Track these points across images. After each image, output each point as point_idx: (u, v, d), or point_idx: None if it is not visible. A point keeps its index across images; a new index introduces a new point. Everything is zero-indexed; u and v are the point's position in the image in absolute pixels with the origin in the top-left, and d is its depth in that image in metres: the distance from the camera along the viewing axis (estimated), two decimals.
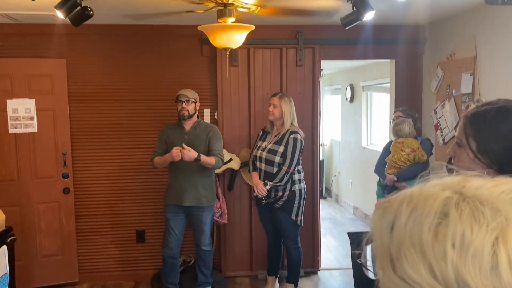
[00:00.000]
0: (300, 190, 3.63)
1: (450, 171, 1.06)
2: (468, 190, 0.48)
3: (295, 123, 3.65)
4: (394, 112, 4.11)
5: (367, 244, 0.57)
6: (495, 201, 0.46)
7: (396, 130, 3.85)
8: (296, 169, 3.58)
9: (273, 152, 3.57)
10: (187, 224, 3.82)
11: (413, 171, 3.69)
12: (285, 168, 3.52)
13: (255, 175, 3.68)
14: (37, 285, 3.99)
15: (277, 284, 3.98)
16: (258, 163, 3.67)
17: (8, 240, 2.90)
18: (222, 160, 3.68)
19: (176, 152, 3.41)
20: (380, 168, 4.01)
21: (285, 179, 3.53)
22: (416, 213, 0.48)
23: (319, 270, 4.44)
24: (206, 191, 3.70)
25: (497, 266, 0.43)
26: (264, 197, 3.58)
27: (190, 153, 3.42)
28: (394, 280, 0.48)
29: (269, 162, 3.58)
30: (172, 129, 3.73)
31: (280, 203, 3.60)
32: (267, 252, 3.97)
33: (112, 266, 4.26)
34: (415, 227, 0.47)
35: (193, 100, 3.66)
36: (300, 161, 3.65)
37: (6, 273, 2.76)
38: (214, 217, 4.05)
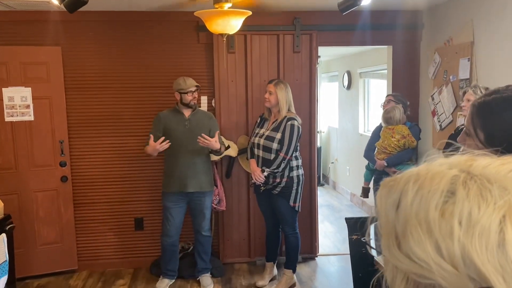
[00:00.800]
0: (298, 176, 3.65)
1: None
2: (476, 169, 0.48)
3: (292, 110, 3.64)
4: (386, 96, 4.12)
5: (371, 223, 0.57)
6: (502, 180, 0.46)
7: (386, 118, 3.87)
8: (293, 155, 3.59)
9: (270, 139, 3.57)
10: (186, 211, 3.85)
11: (403, 156, 3.79)
12: (282, 154, 3.53)
13: (253, 162, 3.70)
14: (36, 273, 4.02)
15: (275, 270, 4.00)
16: (256, 150, 3.68)
17: (7, 228, 2.90)
18: (224, 145, 3.83)
19: (161, 146, 3.47)
20: (369, 152, 4.06)
21: (282, 165, 3.54)
22: (422, 191, 0.48)
23: (316, 256, 4.47)
24: (206, 176, 3.76)
25: (503, 243, 0.43)
26: (262, 183, 3.59)
27: (210, 143, 3.50)
28: (399, 258, 0.48)
29: (267, 149, 3.59)
30: (170, 116, 3.72)
31: (278, 189, 3.61)
32: (265, 239, 3.99)
33: (111, 254, 4.29)
34: (421, 205, 0.47)
35: (199, 87, 3.74)
36: (298, 148, 3.66)
37: (6, 260, 2.77)
38: (212, 204, 4.07)
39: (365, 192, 4.25)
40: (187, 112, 3.71)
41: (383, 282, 0.53)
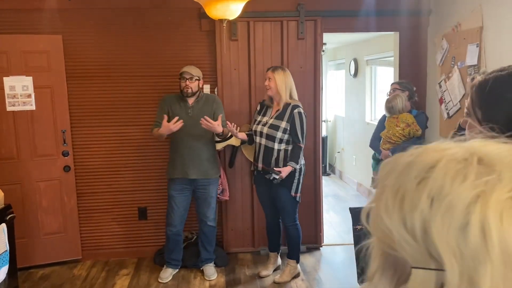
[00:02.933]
0: (300, 165, 3.59)
1: None
2: (478, 149, 0.44)
3: (295, 97, 3.56)
4: (391, 84, 4.03)
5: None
6: (495, 158, 0.42)
7: (388, 107, 3.78)
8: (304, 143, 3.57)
9: (275, 127, 3.51)
10: (191, 200, 3.82)
11: (408, 146, 3.67)
12: (300, 144, 3.50)
13: (287, 168, 3.48)
14: (40, 262, 4.03)
15: (279, 260, 3.97)
16: (258, 138, 3.61)
17: (7, 218, 2.89)
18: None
19: (175, 126, 3.40)
20: (375, 142, 3.99)
21: (301, 156, 3.52)
22: (412, 165, 0.46)
23: (321, 246, 4.43)
24: (210, 163, 3.72)
25: (466, 226, 0.39)
26: (277, 179, 3.46)
27: (211, 125, 3.42)
28: (375, 225, 0.47)
29: (270, 138, 3.53)
30: (175, 101, 3.70)
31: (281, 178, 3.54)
32: (266, 230, 3.94)
33: (115, 243, 4.28)
34: (405, 176, 0.45)
35: (197, 78, 3.65)
36: None
37: (6, 250, 2.76)
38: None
39: (376, 182, 4.16)
40: (190, 100, 3.67)
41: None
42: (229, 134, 3.69)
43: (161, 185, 4.11)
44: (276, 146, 3.51)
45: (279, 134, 3.49)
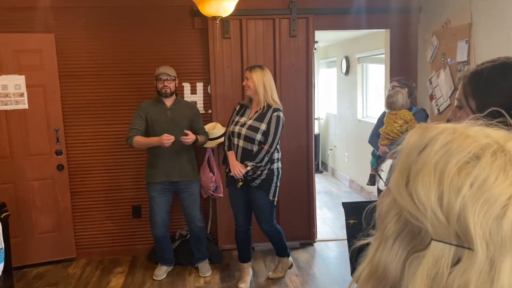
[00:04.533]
0: (278, 169, 3.46)
1: None
2: (510, 145, 0.48)
3: (274, 97, 3.38)
4: (390, 82, 4.06)
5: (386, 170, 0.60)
6: None
7: (389, 103, 3.80)
8: (275, 148, 3.40)
9: (254, 129, 3.33)
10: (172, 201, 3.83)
11: None
12: (266, 147, 3.30)
13: (231, 155, 3.40)
14: (34, 262, 4.02)
15: (250, 271, 3.76)
16: (235, 139, 3.40)
17: (2, 216, 2.89)
18: (207, 135, 3.83)
19: (168, 140, 3.37)
20: (373, 138, 4.01)
21: (266, 159, 3.31)
22: (451, 144, 0.49)
23: (315, 242, 4.47)
24: (190, 165, 3.75)
25: (502, 217, 0.44)
26: (240, 178, 3.35)
27: (189, 140, 3.46)
28: (402, 193, 0.50)
29: (249, 139, 3.34)
30: (152, 105, 3.67)
31: (258, 181, 3.38)
32: (235, 237, 3.70)
33: (109, 242, 4.28)
34: (444, 157, 0.48)
35: (173, 78, 3.66)
36: (279, 140, 3.46)
37: (1, 248, 2.76)
38: (209, 191, 4.06)
39: (373, 179, 4.16)
40: (168, 102, 3.67)
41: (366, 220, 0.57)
42: (206, 140, 3.76)
43: None
44: (255, 148, 3.35)
45: (258, 136, 3.32)
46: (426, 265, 0.46)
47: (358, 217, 2.90)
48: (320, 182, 6.79)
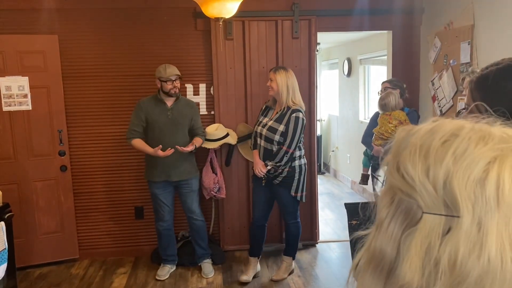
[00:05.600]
0: (300, 166, 3.57)
1: None
2: (487, 127, 0.52)
3: (297, 98, 3.49)
4: (382, 83, 4.08)
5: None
6: (509, 136, 0.50)
7: (381, 105, 3.83)
8: (297, 146, 3.52)
9: (273, 130, 3.49)
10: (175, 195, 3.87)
11: None
12: (285, 148, 3.45)
13: (255, 153, 3.61)
14: (37, 262, 4.03)
15: (258, 266, 3.87)
16: (258, 139, 3.59)
17: (6, 216, 2.90)
18: (205, 135, 3.85)
19: (165, 154, 3.49)
20: (367, 138, 4.04)
21: (285, 159, 3.46)
22: (436, 127, 0.52)
23: (317, 243, 4.48)
24: (190, 163, 3.78)
25: (485, 179, 0.46)
26: (263, 177, 3.55)
27: (188, 149, 3.56)
28: (394, 174, 0.53)
29: (268, 140, 3.52)
30: (152, 105, 3.66)
31: (280, 179, 3.55)
32: (249, 232, 3.85)
33: (112, 242, 4.29)
34: (429, 137, 0.52)
35: (180, 77, 3.68)
36: (302, 139, 3.59)
37: (5, 248, 2.77)
38: (212, 192, 4.06)
39: (365, 179, 4.21)
40: (169, 102, 3.67)
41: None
42: (203, 141, 3.80)
43: None
44: (274, 148, 3.50)
45: (276, 137, 3.47)
46: (419, 238, 0.48)
47: (360, 218, 2.92)
48: (322, 183, 6.79)
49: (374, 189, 4.03)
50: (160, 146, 3.50)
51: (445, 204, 0.48)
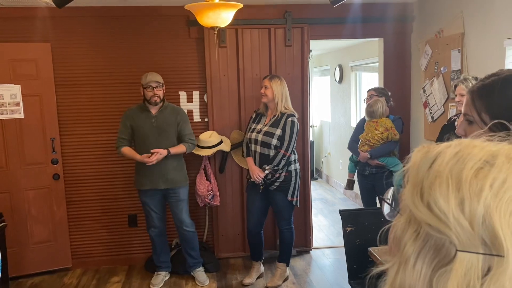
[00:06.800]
0: (295, 170, 3.64)
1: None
2: None
3: (289, 105, 3.59)
4: (368, 91, 4.14)
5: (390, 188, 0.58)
6: None
7: (369, 112, 3.90)
8: (291, 151, 3.58)
9: (270, 134, 3.53)
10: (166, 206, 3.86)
11: (386, 149, 3.85)
12: (282, 151, 3.51)
13: (250, 160, 3.63)
14: (30, 272, 3.99)
15: (262, 268, 3.96)
16: (253, 145, 3.61)
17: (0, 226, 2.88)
18: (194, 143, 3.76)
19: (150, 161, 3.48)
20: (353, 144, 4.11)
21: (283, 162, 3.52)
22: (462, 153, 0.48)
23: (311, 249, 4.49)
24: (177, 172, 3.73)
25: None
26: (261, 183, 3.57)
27: (161, 156, 3.53)
28: (419, 206, 0.48)
29: (266, 145, 3.55)
30: (137, 113, 3.66)
31: (277, 184, 3.58)
32: (247, 238, 3.92)
33: (105, 251, 4.27)
34: (457, 164, 0.47)
35: (162, 84, 3.64)
36: (295, 144, 3.65)
37: None
38: (206, 200, 4.06)
39: (350, 184, 4.28)
40: (154, 109, 3.66)
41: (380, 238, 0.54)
42: (190, 150, 3.76)
43: None
44: (272, 153, 3.54)
45: (274, 141, 3.52)
46: (455, 279, 0.44)
47: (355, 225, 2.94)
48: (315, 189, 6.81)
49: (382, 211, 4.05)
50: (149, 154, 3.50)
51: (483, 242, 0.44)
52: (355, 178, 4.21)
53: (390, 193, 0.62)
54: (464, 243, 0.44)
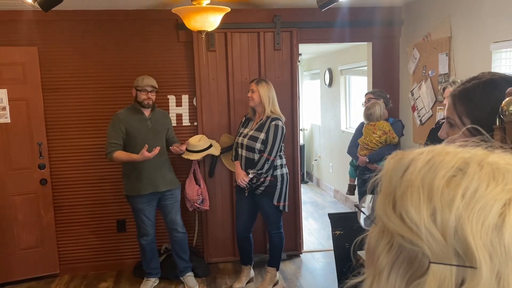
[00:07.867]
0: (282, 175, 3.61)
1: None
2: (492, 159, 0.47)
3: (276, 109, 3.58)
4: (365, 95, 4.14)
5: (369, 192, 0.56)
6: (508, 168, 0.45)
7: (367, 115, 3.89)
8: (278, 155, 3.56)
9: (254, 138, 3.53)
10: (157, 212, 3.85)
11: (384, 152, 3.79)
12: (265, 155, 3.49)
13: (237, 164, 3.65)
14: (16, 278, 3.93)
15: (252, 272, 3.95)
16: (240, 149, 3.63)
17: None
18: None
19: (150, 156, 3.37)
20: (352, 149, 4.09)
21: (266, 166, 3.50)
22: (434, 160, 0.47)
23: (301, 253, 4.48)
24: (172, 173, 3.80)
25: (502, 226, 0.42)
26: (246, 186, 3.57)
27: (183, 148, 3.68)
28: (391, 217, 0.47)
29: (250, 149, 3.55)
30: (130, 115, 3.62)
31: (262, 188, 3.57)
32: (237, 243, 3.91)
33: (94, 257, 4.22)
34: (429, 173, 0.46)
35: (156, 89, 3.65)
36: (283, 148, 3.64)
37: None
38: (195, 204, 4.04)
39: (351, 189, 4.23)
40: (147, 112, 3.65)
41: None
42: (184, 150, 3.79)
43: None
44: (256, 157, 3.53)
45: (258, 145, 3.51)
46: None
47: (344, 228, 2.94)
48: (306, 193, 6.81)
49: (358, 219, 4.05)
50: (146, 146, 3.37)
51: (456, 253, 0.43)
52: (356, 183, 4.18)
53: (367, 200, 0.60)
54: (437, 255, 0.43)
